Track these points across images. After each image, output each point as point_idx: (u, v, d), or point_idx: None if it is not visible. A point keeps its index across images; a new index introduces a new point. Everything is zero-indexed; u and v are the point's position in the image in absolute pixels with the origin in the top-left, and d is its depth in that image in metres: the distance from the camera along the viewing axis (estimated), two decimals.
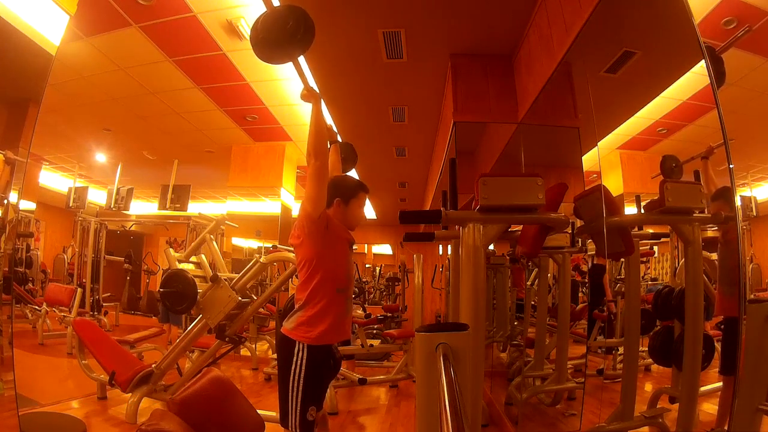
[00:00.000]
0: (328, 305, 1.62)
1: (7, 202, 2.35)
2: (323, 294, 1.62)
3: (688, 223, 1.78)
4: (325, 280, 1.63)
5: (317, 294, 1.62)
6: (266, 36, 1.52)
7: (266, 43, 1.54)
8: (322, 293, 1.62)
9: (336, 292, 1.65)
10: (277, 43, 1.54)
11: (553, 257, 2.75)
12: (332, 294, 1.64)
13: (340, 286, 1.67)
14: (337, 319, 1.64)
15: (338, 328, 1.67)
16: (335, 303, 1.64)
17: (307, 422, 1.56)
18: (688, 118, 2.33)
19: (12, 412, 2.12)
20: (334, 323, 1.63)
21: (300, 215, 1.64)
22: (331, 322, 1.62)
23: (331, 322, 1.62)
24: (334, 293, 1.64)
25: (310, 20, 1.52)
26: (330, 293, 1.63)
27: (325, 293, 1.63)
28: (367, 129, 4.65)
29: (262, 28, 1.51)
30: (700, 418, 1.80)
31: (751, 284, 2.36)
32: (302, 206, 1.62)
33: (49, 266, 7.54)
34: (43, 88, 2.29)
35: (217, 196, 8.15)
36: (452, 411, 0.73)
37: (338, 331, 1.68)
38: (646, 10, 1.98)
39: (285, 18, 1.50)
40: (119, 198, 5.93)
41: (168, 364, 2.92)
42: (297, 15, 1.51)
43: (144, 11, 2.83)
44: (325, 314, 1.61)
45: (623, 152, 2.58)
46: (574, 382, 2.70)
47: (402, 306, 6.83)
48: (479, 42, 2.97)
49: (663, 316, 2.08)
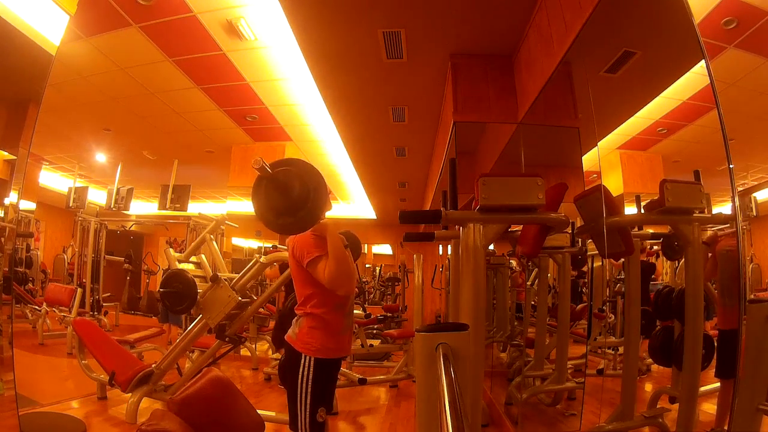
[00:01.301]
0: (327, 322, 1.62)
1: (7, 202, 2.35)
2: (321, 311, 1.61)
3: (688, 223, 1.78)
4: (322, 299, 1.62)
5: (315, 310, 1.61)
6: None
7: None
8: (319, 311, 1.61)
9: (334, 309, 1.64)
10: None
11: (553, 257, 2.75)
12: (330, 311, 1.63)
13: (336, 305, 1.65)
14: (335, 336, 1.64)
15: (338, 344, 1.66)
16: (334, 320, 1.63)
17: (317, 424, 1.56)
18: (688, 118, 2.33)
19: (12, 412, 2.12)
20: (332, 339, 1.63)
21: (311, 267, 1.57)
22: (329, 338, 1.61)
23: (330, 338, 1.62)
24: (331, 310, 1.63)
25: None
26: (327, 311, 1.62)
27: (324, 311, 1.62)
28: (367, 129, 4.65)
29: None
30: (700, 418, 1.80)
31: (751, 284, 2.36)
32: (318, 273, 1.55)
33: (49, 266, 7.55)
34: (43, 88, 2.29)
35: (217, 196, 8.15)
36: (452, 411, 0.73)
37: (338, 347, 1.67)
38: (646, 10, 1.98)
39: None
40: (119, 198, 5.93)
41: (168, 364, 2.92)
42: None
43: (144, 11, 2.83)
44: (324, 329, 1.61)
45: (623, 152, 2.58)
46: (574, 382, 2.70)
47: (402, 306, 6.83)
48: (479, 42, 2.97)
49: (663, 316, 2.08)
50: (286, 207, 1.51)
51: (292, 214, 1.51)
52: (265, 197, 1.53)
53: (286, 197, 1.51)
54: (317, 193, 1.53)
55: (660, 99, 2.41)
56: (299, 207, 1.50)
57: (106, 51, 3.32)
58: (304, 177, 1.55)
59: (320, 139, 5.17)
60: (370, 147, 5.20)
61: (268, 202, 1.53)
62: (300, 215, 1.51)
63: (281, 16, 2.75)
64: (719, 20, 2.16)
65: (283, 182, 1.51)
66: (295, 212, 1.51)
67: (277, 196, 1.52)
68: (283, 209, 1.51)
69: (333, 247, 1.54)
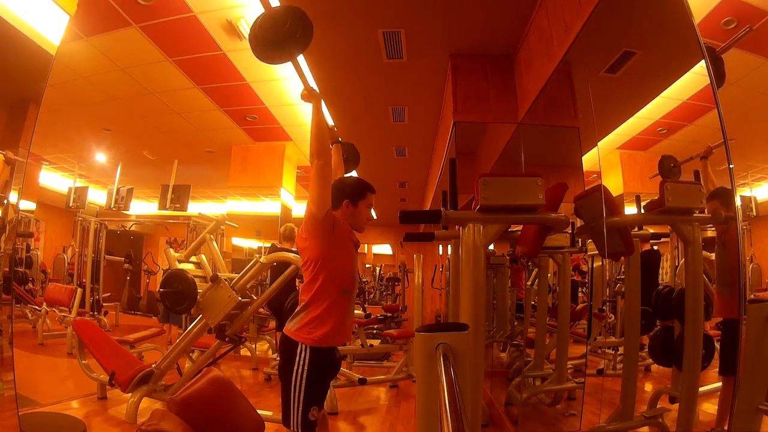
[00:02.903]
0: (331, 307, 1.62)
1: (7, 202, 2.35)
2: (327, 295, 1.62)
3: (688, 223, 1.78)
4: (329, 281, 1.62)
5: (321, 295, 1.62)
6: (265, 35, 1.53)
7: (265, 43, 1.55)
8: (325, 295, 1.62)
9: (340, 294, 1.64)
10: (276, 43, 1.54)
11: (553, 257, 2.75)
12: (336, 295, 1.63)
13: (344, 287, 1.66)
14: (339, 321, 1.64)
15: (340, 331, 1.66)
16: (338, 305, 1.64)
17: (308, 422, 1.57)
18: (688, 118, 2.33)
19: (12, 412, 2.12)
20: (336, 325, 1.63)
21: (305, 216, 1.63)
22: (333, 325, 1.62)
23: (334, 325, 1.62)
24: (337, 295, 1.64)
25: (308, 19, 1.53)
26: (333, 294, 1.63)
27: (329, 295, 1.62)
28: (367, 129, 4.65)
29: (261, 28, 1.52)
30: (700, 418, 1.80)
31: (751, 284, 2.36)
32: (307, 207, 1.61)
33: (49, 266, 7.54)
34: (43, 88, 2.29)
35: (217, 196, 8.16)
36: (452, 411, 0.73)
37: (340, 334, 1.67)
38: (646, 10, 1.98)
39: (283, 17, 1.51)
40: (119, 198, 5.93)
41: (168, 364, 2.92)
42: (295, 15, 1.51)
43: (144, 11, 2.83)
44: (328, 316, 1.61)
45: (623, 152, 2.58)
46: (574, 382, 2.70)
47: (402, 306, 6.83)
48: (479, 42, 2.97)
49: (663, 316, 2.08)
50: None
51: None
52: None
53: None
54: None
55: (660, 99, 2.41)
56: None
57: (106, 51, 3.32)
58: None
59: None
60: (370, 147, 5.20)
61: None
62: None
63: None
64: (719, 20, 2.16)
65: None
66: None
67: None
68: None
69: (315, 114, 1.62)
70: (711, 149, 1.82)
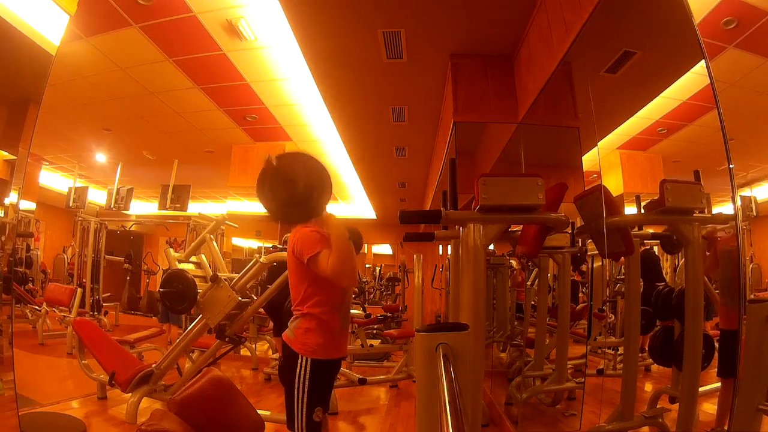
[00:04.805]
0: (324, 322, 1.60)
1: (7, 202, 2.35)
2: (319, 311, 1.59)
3: (688, 223, 1.78)
4: (320, 299, 1.60)
5: (313, 310, 1.59)
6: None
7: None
8: (317, 310, 1.59)
9: (330, 310, 1.62)
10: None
11: (553, 257, 2.75)
12: (328, 311, 1.61)
13: (334, 305, 1.63)
14: (332, 336, 1.62)
15: (335, 344, 1.64)
16: (331, 320, 1.61)
17: (313, 423, 1.56)
18: (688, 118, 2.33)
19: (12, 412, 2.12)
20: (330, 339, 1.61)
21: (312, 262, 1.51)
22: (327, 339, 1.60)
23: (327, 339, 1.60)
24: (328, 311, 1.61)
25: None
26: (325, 311, 1.60)
27: (321, 311, 1.60)
28: (367, 129, 4.65)
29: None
30: (700, 418, 1.80)
31: (751, 284, 2.36)
32: (321, 264, 1.49)
33: (49, 266, 7.55)
34: (43, 88, 2.29)
35: (217, 196, 8.16)
36: (452, 411, 0.73)
37: (335, 347, 1.65)
38: (646, 10, 1.98)
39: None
40: (119, 198, 5.94)
41: (168, 364, 2.92)
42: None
43: (144, 11, 2.83)
44: (321, 330, 1.59)
45: (623, 152, 2.58)
46: (574, 382, 2.70)
47: (402, 306, 6.83)
48: (479, 42, 2.97)
49: (663, 316, 2.08)
50: (290, 197, 1.57)
51: (296, 206, 1.57)
52: (270, 189, 1.59)
53: (290, 189, 1.56)
54: (321, 184, 1.59)
55: (660, 99, 2.40)
56: (303, 200, 1.56)
57: (106, 51, 3.32)
58: (307, 169, 1.60)
59: (320, 139, 5.17)
60: (370, 147, 5.20)
61: (273, 194, 1.59)
62: (304, 208, 1.57)
63: (281, 16, 2.75)
64: (719, 20, 2.16)
65: (287, 174, 1.57)
66: (298, 204, 1.56)
67: (281, 189, 1.57)
68: (288, 200, 1.57)
69: (337, 237, 1.52)
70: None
